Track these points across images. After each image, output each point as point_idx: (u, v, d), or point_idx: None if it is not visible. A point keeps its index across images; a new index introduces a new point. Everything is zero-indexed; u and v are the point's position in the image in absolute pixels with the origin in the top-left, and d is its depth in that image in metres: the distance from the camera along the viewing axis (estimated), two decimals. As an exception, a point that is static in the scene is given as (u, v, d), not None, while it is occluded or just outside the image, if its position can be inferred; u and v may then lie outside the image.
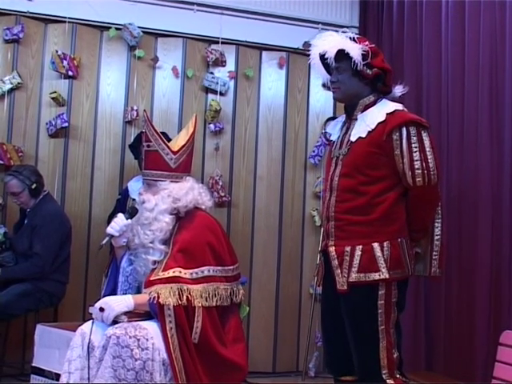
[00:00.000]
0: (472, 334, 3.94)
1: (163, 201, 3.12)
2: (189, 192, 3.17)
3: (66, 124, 4.70)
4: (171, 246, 3.08)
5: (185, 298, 2.89)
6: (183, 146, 3.20)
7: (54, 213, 4.31)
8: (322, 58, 2.97)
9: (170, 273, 2.96)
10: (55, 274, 4.25)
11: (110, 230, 3.11)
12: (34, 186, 4.25)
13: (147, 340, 2.82)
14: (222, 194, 4.96)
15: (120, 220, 3.12)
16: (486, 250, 3.89)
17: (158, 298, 2.87)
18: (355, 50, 2.84)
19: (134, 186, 4.36)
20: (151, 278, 2.98)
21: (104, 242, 3.10)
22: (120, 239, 3.18)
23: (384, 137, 2.81)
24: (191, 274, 2.98)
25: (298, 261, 5.16)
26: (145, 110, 3.52)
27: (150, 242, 3.08)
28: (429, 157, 2.81)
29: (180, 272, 2.96)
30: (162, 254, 3.08)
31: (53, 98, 4.71)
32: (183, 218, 3.17)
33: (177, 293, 2.89)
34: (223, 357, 2.97)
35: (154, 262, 3.07)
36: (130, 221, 3.14)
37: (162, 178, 3.16)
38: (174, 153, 3.16)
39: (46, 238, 4.19)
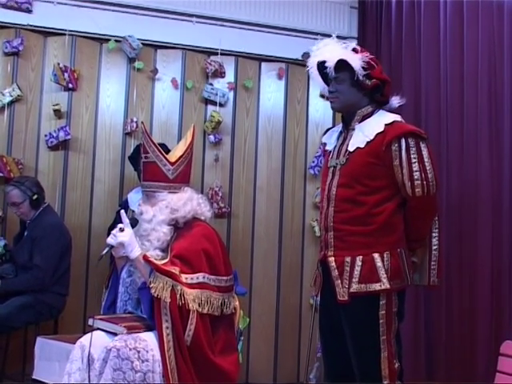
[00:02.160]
0: (473, 344, 3.93)
1: (161, 212, 3.13)
2: (187, 202, 3.17)
3: (69, 137, 4.70)
4: (169, 252, 3.08)
5: (178, 297, 2.89)
6: (181, 157, 3.21)
7: (54, 224, 4.31)
8: (320, 66, 2.98)
9: (171, 268, 2.96)
10: (55, 286, 4.24)
11: (110, 240, 3.10)
12: (35, 196, 4.25)
13: (147, 352, 2.83)
14: (222, 205, 4.95)
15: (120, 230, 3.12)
16: (486, 258, 3.89)
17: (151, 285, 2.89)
18: (356, 61, 2.84)
19: (134, 198, 4.35)
20: (150, 259, 2.99)
21: (104, 252, 3.09)
22: (120, 250, 3.18)
23: (383, 147, 2.82)
24: (186, 278, 2.98)
25: (299, 271, 5.15)
26: (142, 122, 3.51)
27: (147, 251, 3.08)
28: (427, 167, 2.82)
29: (179, 272, 2.97)
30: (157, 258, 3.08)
31: (55, 111, 4.72)
32: (182, 227, 3.17)
33: (169, 289, 2.89)
34: (214, 363, 2.97)
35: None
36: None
37: (160, 189, 3.17)
38: (172, 164, 3.17)
39: (46, 250, 4.17)
